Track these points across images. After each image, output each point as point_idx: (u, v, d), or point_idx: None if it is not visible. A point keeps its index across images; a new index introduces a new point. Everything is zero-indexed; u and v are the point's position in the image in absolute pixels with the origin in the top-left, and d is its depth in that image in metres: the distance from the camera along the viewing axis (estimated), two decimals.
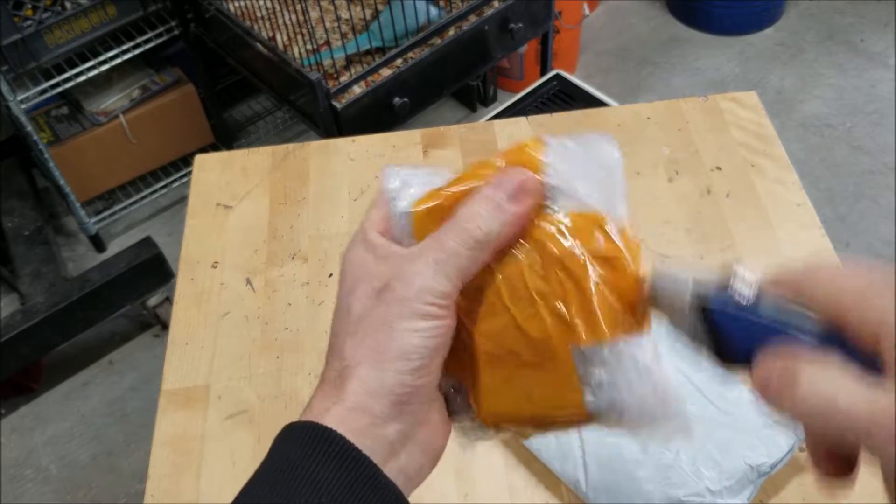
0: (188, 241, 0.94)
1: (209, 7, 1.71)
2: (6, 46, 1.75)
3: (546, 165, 0.35)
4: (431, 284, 0.33)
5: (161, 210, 2.21)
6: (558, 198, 0.35)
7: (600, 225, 0.35)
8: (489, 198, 0.34)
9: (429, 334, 0.33)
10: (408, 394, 0.33)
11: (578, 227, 0.34)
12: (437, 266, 0.33)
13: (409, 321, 0.33)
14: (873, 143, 2.18)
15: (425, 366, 0.34)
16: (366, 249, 0.36)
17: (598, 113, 1.03)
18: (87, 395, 1.85)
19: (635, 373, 0.34)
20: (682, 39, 2.54)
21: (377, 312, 0.34)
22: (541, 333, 0.34)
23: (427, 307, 0.33)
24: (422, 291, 0.33)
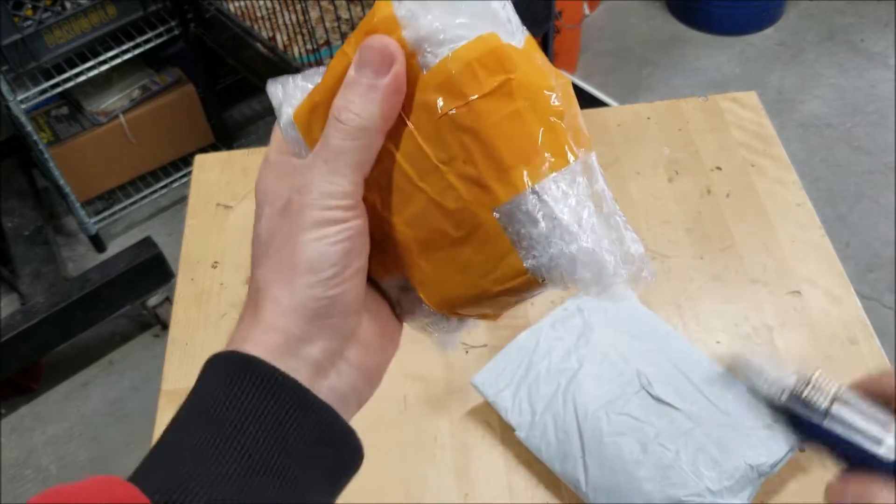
0: (188, 241, 0.94)
1: (209, 7, 1.71)
2: (6, 46, 1.75)
3: (402, 19, 0.31)
4: (326, 187, 0.31)
5: (161, 210, 2.21)
6: (432, 46, 0.30)
7: (487, 50, 0.30)
8: (356, 80, 0.31)
9: (334, 239, 0.31)
10: (325, 307, 0.32)
11: (460, 67, 0.30)
12: (328, 167, 0.31)
13: (311, 230, 0.31)
14: (873, 143, 2.18)
15: (337, 274, 0.32)
16: (266, 171, 0.35)
17: (598, 113, 1.03)
18: (87, 395, 1.85)
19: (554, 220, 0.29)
20: (682, 39, 2.54)
21: (281, 230, 0.32)
22: (457, 203, 0.31)
23: (327, 212, 0.31)
24: (319, 197, 0.31)
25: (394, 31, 0.31)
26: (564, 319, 0.77)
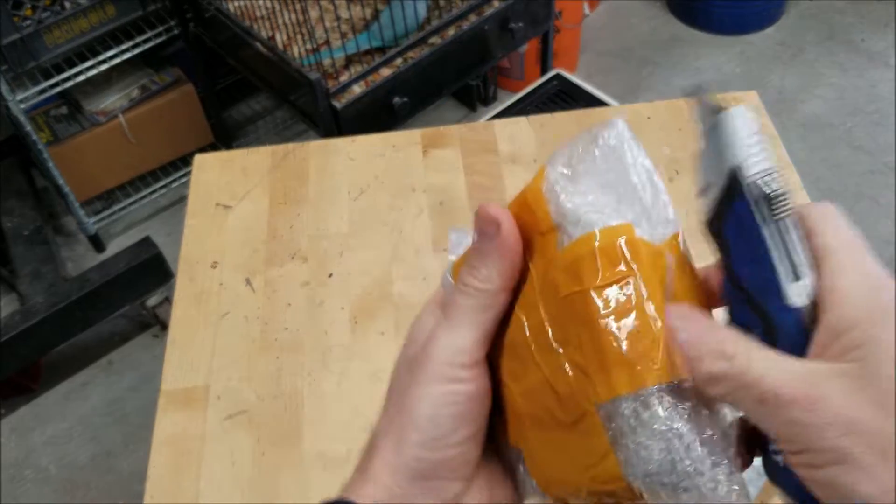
0: (187, 241, 0.93)
1: (208, 6, 1.71)
2: (5, 46, 1.75)
3: (546, 192, 0.31)
4: (445, 341, 0.32)
5: (160, 210, 2.21)
6: (568, 225, 0.30)
7: (614, 241, 0.29)
8: (472, 245, 0.33)
9: (444, 401, 0.31)
10: (428, 469, 0.31)
11: (584, 253, 0.29)
12: (450, 323, 0.32)
13: (426, 386, 0.31)
14: (874, 142, 2.18)
15: (443, 437, 0.31)
16: (424, 312, 0.36)
17: (598, 113, 1.03)
18: (87, 396, 1.84)
19: (654, 435, 0.28)
20: (682, 39, 2.54)
21: (402, 380, 0.33)
22: (566, 388, 0.30)
23: (444, 368, 0.31)
24: (439, 350, 0.32)
25: (540, 204, 0.31)
26: None
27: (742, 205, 0.28)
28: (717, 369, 0.28)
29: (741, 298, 0.29)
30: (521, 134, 1.01)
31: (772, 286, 0.28)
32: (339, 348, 0.82)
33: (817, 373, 0.27)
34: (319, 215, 0.95)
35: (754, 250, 0.28)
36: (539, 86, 1.72)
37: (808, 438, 0.26)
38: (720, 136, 0.29)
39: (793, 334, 0.28)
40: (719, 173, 0.29)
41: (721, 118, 0.29)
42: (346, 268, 0.89)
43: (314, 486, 0.73)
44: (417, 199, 0.95)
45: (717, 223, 0.30)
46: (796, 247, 0.28)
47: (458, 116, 2.34)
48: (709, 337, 0.29)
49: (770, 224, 0.28)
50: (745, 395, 0.28)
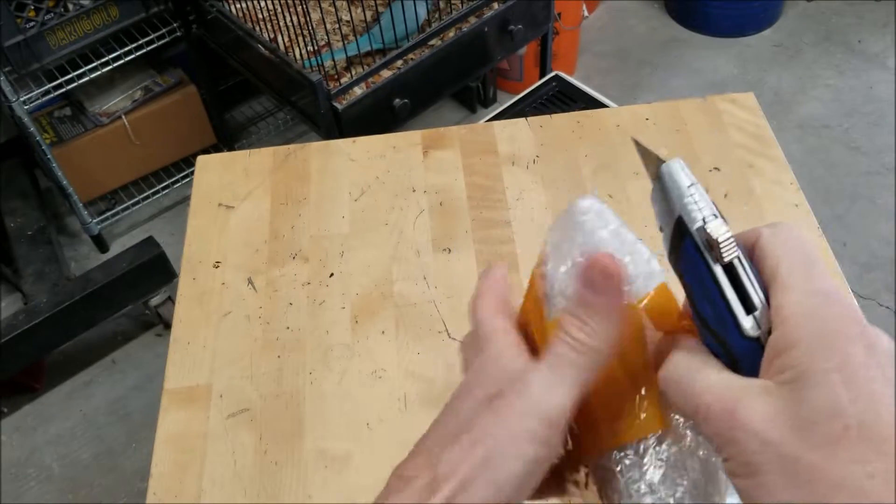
0: (190, 241, 0.94)
1: (211, 9, 1.72)
2: (9, 48, 1.76)
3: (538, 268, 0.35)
4: (544, 395, 0.30)
5: (163, 210, 2.22)
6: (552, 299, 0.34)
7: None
8: (591, 301, 0.32)
9: (527, 469, 0.30)
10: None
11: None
12: (553, 378, 0.31)
13: (514, 444, 0.30)
14: (871, 143, 2.19)
15: (515, 498, 0.30)
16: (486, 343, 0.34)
17: (596, 114, 1.04)
18: (90, 395, 1.85)
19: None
20: (680, 41, 2.55)
21: (484, 422, 0.31)
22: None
23: (539, 426, 0.30)
24: (534, 404, 0.30)
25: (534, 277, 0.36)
26: None
27: (691, 249, 0.31)
28: (667, 374, 0.31)
29: (704, 329, 0.31)
30: (520, 135, 1.02)
31: (727, 320, 0.30)
32: (341, 347, 0.83)
33: (747, 389, 0.28)
34: (320, 215, 0.96)
35: (708, 289, 0.30)
36: (538, 87, 1.73)
37: (730, 449, 0.27)
38: (665, 186, 0.32)
39: (751, 361, 0.29)
40: (670, 217, 0.32)
41: (663, 170, 0.32)
42: (347, 268, 0.90)
43: (316, 485, 0.74)
44: (418, 199, 0.96)
45: (673, 261, 0.32)
46: (747, 280, 0.30)
47: (458, 118, 2.35)
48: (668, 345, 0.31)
49: (718, 265, 0.30)
50: (686, 405, 0.30)
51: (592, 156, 0.98)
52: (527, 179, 0.97)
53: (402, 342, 0.83)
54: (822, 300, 0.28)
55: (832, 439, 0.25)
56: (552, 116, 1.04)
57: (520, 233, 0.91)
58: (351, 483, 0.73)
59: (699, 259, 0.30)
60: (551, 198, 0.94)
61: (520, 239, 0.91)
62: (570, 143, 1.00)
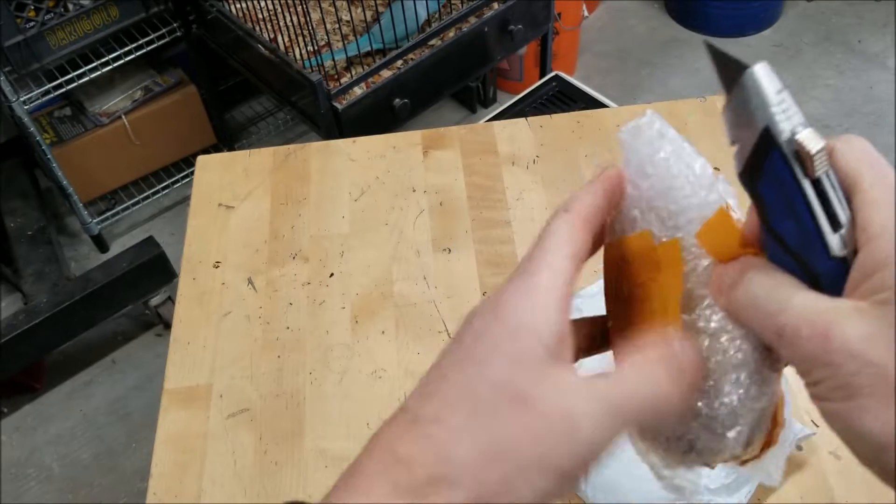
0: (190, 241, 0.94)
1: (211, 9, 1.72)
2: (9, 48, 1.76)
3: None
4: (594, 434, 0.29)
5: (163, 210, 2.22)
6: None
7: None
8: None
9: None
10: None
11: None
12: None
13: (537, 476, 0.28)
14: (871, 143, 2.18)
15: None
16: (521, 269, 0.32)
17: (596, 114, 1.04)
18: (90, 395, 1.86)
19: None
20: (680, 41, 2.55)
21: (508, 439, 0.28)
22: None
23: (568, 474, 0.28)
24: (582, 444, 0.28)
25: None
26: None
27: (778, 162, 0.28)
28: (742, 297, 0.29)
29: (780, 249, 0.29)
30: (520, 135, 1.02)
31: (813, 238, 0.28)
32: (341, 347, 0.83)
33: (839, 310, 0.27)
34: (320, 215, 0.96)
35: (792, 205, 0.28)
36: (538, 87, 1.73)
37: (822, 373, 0.27)
38: (747, 95, 0.29)
39: (836, 281, 0.28)
40: (749, 130, 0.29)
41: (746, 76, 0.29)
42: (347, 268, 0.90)
43: (316, 484, 0.74)
44: (418, 199, 0.96)
45: (750, 178, 0.30)
46: (834, 196, 0.28)
47: (458, 118, 2.35)
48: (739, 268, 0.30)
49: (808, 179, 0.28)
50: (767, 328, 0.28)
51: (592, 156, 0.99)
52: (527, 179, 0.97)
53: (402, 342, 0.83)
54: None
55: None
56: (552, 116, 1.04)
57: (520, 233, 0.91)
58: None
59: (787, 173, 0.28)
60: (551, 198, 0.94)
61: (520, 239, 0.91)
62: (570, 143, 1.00)
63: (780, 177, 0.28)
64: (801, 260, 0.29)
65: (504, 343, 0.29)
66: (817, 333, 0.27)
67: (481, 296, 0.86)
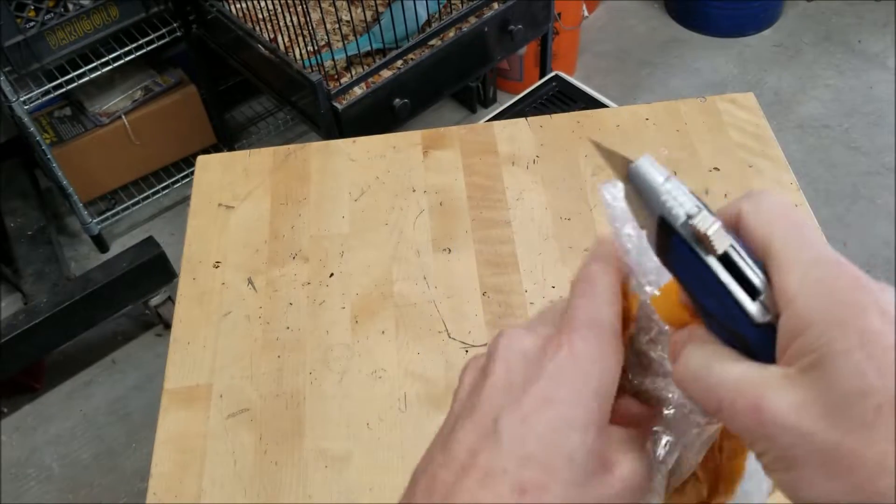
0: (190, 241, 0.95)
1: (211, 9, 1.72)
2: (9, 48, 1.76)
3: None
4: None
5: (163, 210, 2.22)
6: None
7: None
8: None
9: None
10: None
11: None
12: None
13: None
14: (871, 143, 2.19)
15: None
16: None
17: (596, 114, 1.04)
18: (90, 395, 1.86)
19: None
20: (680, 41, 2.55)
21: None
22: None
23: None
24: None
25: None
26: None
27: (681, 246, 0.29)
28: (682, 370, 0.29)
29: (713, 322, 0.30)
30: (520, 135, 1.02)
31: (734, 311, 0.28)
32: (341, 347, 0.83)
33: (768, 381, 0.26)
34: (320, 216, 0.96)
35: (707, 283, 0.29)
36: (538, 87, 1.73)
37: (762, 445, 0.26)
38: (638, 186, 0.30)
39: (766, 347, 0.28)
40: (649, 218, 0.31)
41: (632, 171, 0.30)
42: (347, 268, 0.90)
43: (316, 484, 0.74)
44: (418, 199, 0.96)
45: (664, 259, 0.31)
46: (744, 264, 0.29)
47: (458, 118, 2.35)
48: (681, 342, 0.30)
49: (712, 256, 0.29)
50: (707, 401, 0.28)
51: (592, 156, 0.99)
52: (527, 179, 0.97)
53: (402, 342, 0.83)
54: (825, 271, 0.27)
55: (866, 421, 0.24)
56: (552, 116, 1.04)
57: (520, 233, 0.91)
58: (351, 483, 0.73)
59: (691, 254, 0.29)
60: (551, 198, 0.94)
61: (520, 239, 0.91)
62: (570, 143, 1.00)
63: (686, 258, 0.29)
64: (731, 330, 0.29)
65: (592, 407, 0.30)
66: (751, 406, 0.26)
67: (482, 296, 0.86)
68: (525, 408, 0.29)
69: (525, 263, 0.88)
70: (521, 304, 0.85)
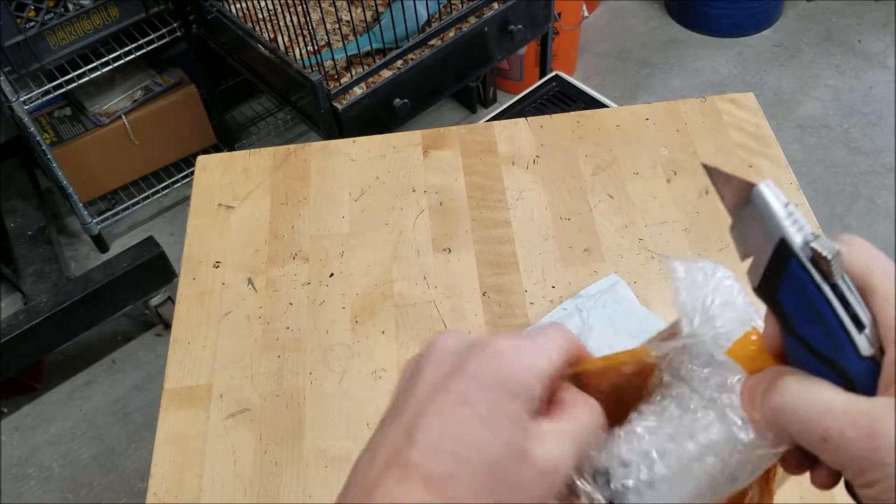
0: (190, 241, 0.95)
1: (211, 9, 1.72)
2: (9, 47, 1.76)
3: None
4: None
5: (163, 210, 2.22)
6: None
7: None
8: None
9: None
10: None
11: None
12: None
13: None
14: (871, 143, 2.19)
15: None
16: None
17: (596, 114, 1.04)
18: (90, 395, 1.86)
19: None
20: (680, 41, 2.55)
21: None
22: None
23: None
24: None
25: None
26: (563, 319, 0.78)
27: (798, 271, 0.30)
28: (779, 403, 0.29)
29: (807, 354, 0.30)
30: (520, 135, 1.02)
31: (841, 341, 0.29)
32: (341, 347, 0.83)
33: (880, 409, 0.27)
34: (321, 215, 0.96)
35: (817, 311, 0.29)
36: (538, 87, 1.73)
37: (874, 474, 0.27)
38: (757, 210, 0.31)
39: (868, 380, 0.29)
40: (763, 244, 0.31)
41: (755, 194, 0.31)
42: (347, 268, 0.90)
43: (316, 484, 0.74)
44: (418, 199, 0.96)
45: (768, 289, 0.31)
46: (852, 297, 0.29)
47: (458, 118, 2.35)
48: (770, 377, 0.31)
49: (827, 284, 0.29)
50: (810, 432, 0.29)
51: (592, 156, 0.99)
52: (527, 179, 0.97)
53: (402, 342, 0.83)
54: None
55: None
56: (552, 116, 1.04)
57: (520, 233, 0.91)
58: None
59: (807, 280, 0.29)
60: (551, 198, 0.95)
61: (520, 239, 0.91)
62: (570, 143, 1.00)
63: (801, 284, 0.30)
64: (830, 362, 0.29)
65: (505, 404, 0.31)
66: (863, 434, 0.27)
67: (482, 296, 0.86)
68: (443, 406, 0.31)
69: (525, 263, 0.88)
70: (521, 304, 0.85)
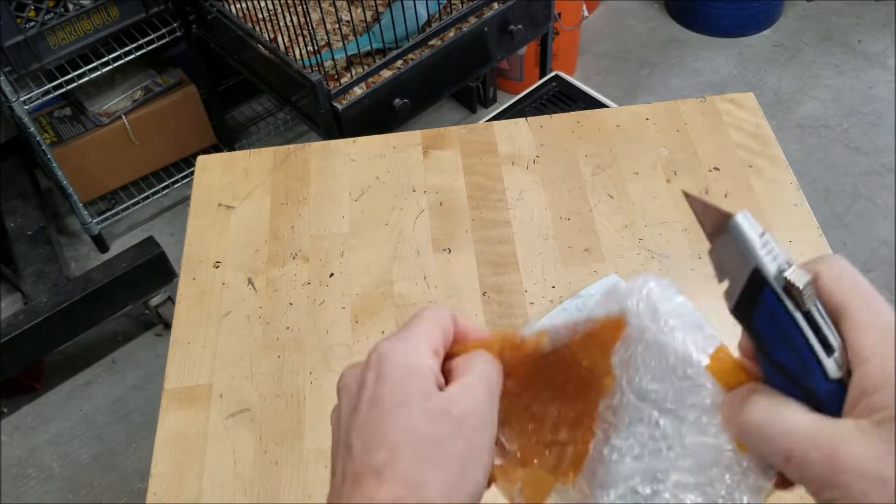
0: (190, 241, 0.95)
1: (211, 9, 1.72)
2: (9, 47, 1.76)
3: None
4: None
5: (163, 210, 2.22)
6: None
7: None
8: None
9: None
10: None
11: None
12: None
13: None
14: (871, 143, 2.19)
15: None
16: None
17: (596, 114, 1.04)
18: (90, 395, 1.86)
19: None
20: (680, 41, 2.55)
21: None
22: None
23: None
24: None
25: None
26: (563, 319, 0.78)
27: (771, 299, 0.31)
28: (748, 421, 0.31)
29: (780, 376, 0.32)
30: (520, 135, 1.02)
31: (810, 365, 0.30)
32: (341, 347, 0.83)
33: (843, 431, 0.28)
34: (320, 215, 0.96)
35: (788, 336, 0.31)
36: (538, 87, 1.73)
37: (833, 493, 0.28)
38: (733, 240, 0.32)
39: (834, 401, 0.30)
40: (738, 271, 0.32)
41: (731, 224, 0.32)
42: (347, 268, 0.90)
43: (315, 484, 0.74)
44: (418, 199, 0.96)
45: (743, 312, 0.32)
46: (823, 323, 0.31)
47: (458, 118, 2.35)
48: (743, 395, 0.32)
49: (799, 312, 0.31)
50: (775, 450, 0.30)
51: (592, 156, 0.99)
52: (527, 179, 0.97)
53: None
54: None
55: None
56: (552, 116, 1.04)
57: (520, 233, 0.91)
58: None
59: (779, 307, 0.31)
60: (551, 198, 0.95)
61: (520, 239, 0.91)
62: (570, 143, 1.00)
63: (774, 311, 0.31)
64: (800, 383, 0.31)
65: (410, 386, 0.34)
66: (825, 455, 0.28)
67: (482, 296, 0.86)
68: (362, 416, 0.34)
69: (525, 263, 0.88)
70: (521, 304, 0.85)
